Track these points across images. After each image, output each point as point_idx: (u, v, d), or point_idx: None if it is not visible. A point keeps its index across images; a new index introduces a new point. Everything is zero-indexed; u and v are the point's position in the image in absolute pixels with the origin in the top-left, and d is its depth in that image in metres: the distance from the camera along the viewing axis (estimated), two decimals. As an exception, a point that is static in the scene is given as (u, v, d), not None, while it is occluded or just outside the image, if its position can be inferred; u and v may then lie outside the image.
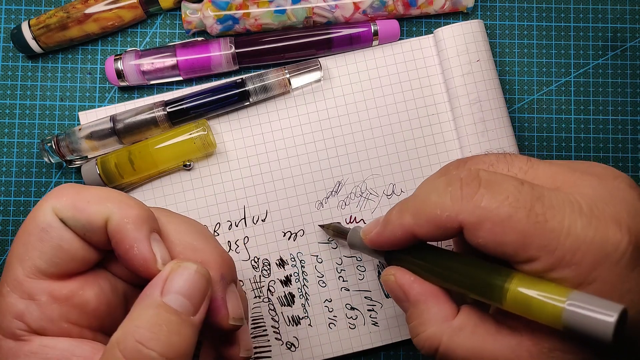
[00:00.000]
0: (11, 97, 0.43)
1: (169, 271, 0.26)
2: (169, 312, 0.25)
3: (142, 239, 0.27)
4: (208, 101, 0.40)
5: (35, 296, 0.26)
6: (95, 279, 0.28)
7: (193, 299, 0.26)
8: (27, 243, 0.27)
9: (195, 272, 0.26)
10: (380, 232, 0.31)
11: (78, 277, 0.28)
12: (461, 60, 0.41)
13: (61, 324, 0.27)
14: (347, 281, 0.41)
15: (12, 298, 0.26)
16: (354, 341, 0.41)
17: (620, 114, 0.44)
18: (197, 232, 0.30)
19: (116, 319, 0.28)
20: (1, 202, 0.42)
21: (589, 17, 0.44)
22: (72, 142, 0.39)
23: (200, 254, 0.29)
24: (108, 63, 0.41)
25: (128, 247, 0.27)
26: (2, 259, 0.42)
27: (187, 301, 0.26)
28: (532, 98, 0.44)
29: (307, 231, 0.41)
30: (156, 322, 0.24)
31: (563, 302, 0.24)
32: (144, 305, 0.25)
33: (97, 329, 0.28)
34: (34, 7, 0.43)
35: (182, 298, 0.25)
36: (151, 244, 0.27)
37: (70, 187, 0.28)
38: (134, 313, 0.25)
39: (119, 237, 0.27)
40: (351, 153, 0.42)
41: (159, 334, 0.24)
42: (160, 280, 0.26)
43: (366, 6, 0.41)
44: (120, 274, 0.30)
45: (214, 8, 0.41)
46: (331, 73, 0.42)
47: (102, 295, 0.28)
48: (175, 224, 0.30)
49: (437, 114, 0.42)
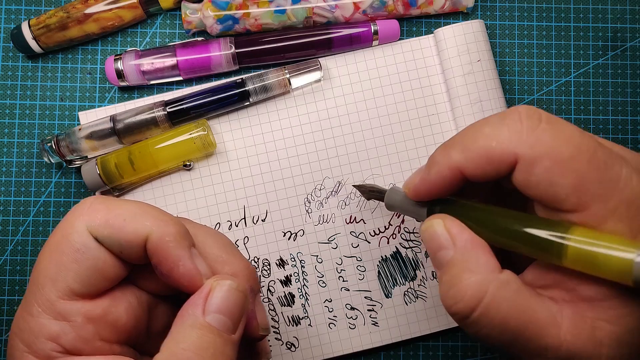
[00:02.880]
0: (11, 97, 0.43)
1: (209, 289, 0.26)
2: (213, 332, 0.25)
3: (186, 256, 0.27)
4: (208, 101, 0.40)
5: (70, 317, 0.26)
6: (123, 294, 0.28)
7: (233, 317, 0.26)
8: (60, 263, 0.26)
9: (235, 290, 0.27)
10: (424, 176, 0.28)
11: (108, 293, 0.28)
12: (462, 60, 0.41)
13: (95, 343, 0.27)
14: (347, 281, 0.41)
15: (45, 319, 0.26)
16: (354, 341, 0.41)
17: (620, 114, 0.44)
18: (224, 244, 0.30)
19: (141, 331, 0.29)
20: (1, 202, 0.42)
21: (589, 17, 0.44)
22: (72, 142, 0.39)
23: (229, 266, 0.29)
24: (108, 63, 0.41)
25: (172, 266, 0.26)
26: (2, 259, 0.42)
27: (228, 320, 0.26)
28: (532, 98, 0.44)
29: (307, 231, 0.41)
30: (202, 345, 0.25)
31: (633, 253, 0.22)
32: (188, 325, 0.25)
33: (124, 343, 0.28)
34: (34, 7, 0.43)
35: (223, 317, 0.26)
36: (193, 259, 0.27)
37: (101, 203, 0.27)
38: (179, 334, 0.25)
39: (161, 256, 0.26)
40: (351, 153, 0.42)
41: (205, 357, 0.25)
42: (200, 299, 0.26)
43: (366, 6, 0.41)
44: (144, 285, 0.30)
45: (214, 8, 0.41)
46: (331, 73, 0.42)
47: (130, 309, 0.28)
48: (202, 235, 0.29)
49: (437, 114, 0.42)
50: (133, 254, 0.27)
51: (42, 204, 0.42)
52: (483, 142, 0.26)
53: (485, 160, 0.26)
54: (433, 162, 0.28)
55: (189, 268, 0.27)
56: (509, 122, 0.25)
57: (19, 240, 0.42)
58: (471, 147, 0.26)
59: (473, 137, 0.26)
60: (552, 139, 0.24)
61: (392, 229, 0.42)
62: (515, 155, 0.25)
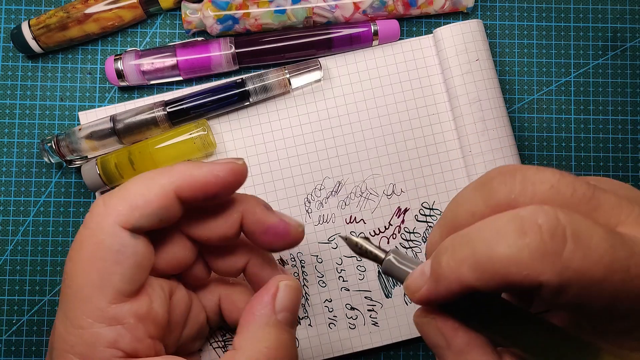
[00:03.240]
0: (11, 97, 0.43)
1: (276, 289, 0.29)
2: (286, 331, 0.28)
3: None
4: (208, 101, 0.40)
5: (123, 320, 0.27)
6: (153, 290, 0.29)
7: (295, 313, 0.29)
8: (103, 270, 0.26)
9: (295, 288, 0.29)
10: (432, 289, 0.25)
11: (145, 291, 0.28)
12: (460, 60, 0.41)
13: (147, 342, 0.27)
14: (347, 281, 0.41)
15: (99, 328, 0.26)
16: (354, 341, 0.41)
17: (620, 114, 0.44)
18: None
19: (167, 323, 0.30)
20: (1, 202, 0.42)
21: (589, 17, 0.44)
22: (72, 142, 0.39)
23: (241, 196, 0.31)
24: (108, 63, 0.41)
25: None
26: (2, 259, 0.42)
27: (292, 316, 0.29)
28: (532, 98, 0.44)
29: (307, 231, 0.41)
30: (279, 342, 0.27)
31: None
32: (264, 325, 0.28)
33: (161, 339, 0.29)
34: (34, 7, 0.43)
35: (288, 314, 0.29)
36: None
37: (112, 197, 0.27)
38: (258, 333, 0.28)
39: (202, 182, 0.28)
40: (351, 153, 0.42)
41: (285, 352, 0.27)
42: (269, 298, 0.29)
43: (366, 6, 0.41)
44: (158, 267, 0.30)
45: (214, 8, 0.41)
46: (331, 73, 0.42)
47: (163, 303, 0.29)
48: None
49: (437, 113, 0.42)
50: (172, 212, 0.28)
51: (42, 204, 0.42)
52: (499, 265, 0.22)
53: (503, 283, 0.22)
54: (440, 275, 0.24)
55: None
56: (530, 243, 0.21)
57: (19, 240, 0.42)
58: (486, 268, 0.22)
59: (487, 255, 0.22)
60: (582, 264, 0.21)
61: (392, 229, 0.42)
62: (539, 282, 0.22)
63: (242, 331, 0.28)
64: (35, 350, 0.41)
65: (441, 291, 0.24)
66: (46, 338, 0.41)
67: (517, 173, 0.24)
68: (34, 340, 0.41)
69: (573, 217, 0.22)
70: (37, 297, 0.42)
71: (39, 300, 0.42)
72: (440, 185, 0.42)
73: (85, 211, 0.42)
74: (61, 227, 0.42)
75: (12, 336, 0.41)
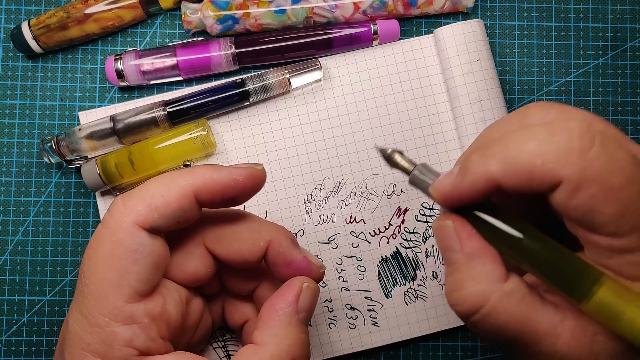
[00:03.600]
0: (11, 97, 0.43)
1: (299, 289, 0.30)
2: (305, 331, 0.29)
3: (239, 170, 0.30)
4: (208, 101, 0.40)
5: (138, 319, 0.27)
6: (168, 292, 0.29)
7: (311, 313, 0.31)
8: (121, 269, 0.27)
9: (314, 290, 0.31)
10: (456, 184, 0.25)
11: (160, 291, 0.29)
12: (461, 59, 0.41)
13: (159, 342, 0.28)
14: (347, 281, 0.41)
15: (115, 327, 0.26)
16: (354, 341, 0.41)
17: (620, 114, 0.44)
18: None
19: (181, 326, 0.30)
20: (1, 202, 0.42)
21: (589, 17, 0.44)
22: (72, 142, 0.39)
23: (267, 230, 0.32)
24: (108, 63, 0.41)
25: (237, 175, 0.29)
26: (2, 259, 0.42)
27: (310, 317, 0.31)
28: (532, 98, 0.44)
29: (307, 231, 0.41)
30: (299, 340, 0.29)
31: None
32: (286, 324, 0.29)
33: (171, 340, 0.29)
34: (34, 7, 0.43)
35: (307, 314, 0.30)
36: None
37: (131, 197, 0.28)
38: (281, 331, 0.29)
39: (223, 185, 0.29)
40: (351, 153, 0.42)
41: (303, 351, 0.29)
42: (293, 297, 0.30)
43: (366, 6, 0.41)
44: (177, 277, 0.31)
45: (214, 8, 0.41)
46: (331, 73, 0.42)
47: (177, 305, 0.30)
48: None
49: (437, 113, 0.42)
50: (189, 214, 0.28)
51: (42, 204, 0.42)
52: (527, 157, 0.23)
53: (527, 178, 0.24)
54: (468, 169, 0.25)
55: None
56: (559, 140, 0.23)
57: (19, 240, 0.42)
58: (513, 161, 0.24)
59: (516, 150, 0.24)
60: (604, 166, 0.23)
61: (392, 229, 0.42)
62: (560, 177, 0.23)
63: (263, 327, 0.29)
64: (35, 351, 0.41)
65: (466, 186, 0.25)
66: (46, 338, 0.41)
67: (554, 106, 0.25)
68: (33, 341, 0.41)
69: (606, 126, 0.24)
70: (37, 297, 0.42)
71: (39, 300, 0.42)
72: (440, 185, 0.42)
73: (85, 211, 0.42)
74: (61, 227, 0.42)
75: (12, 336, 0.41)
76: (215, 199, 0.28)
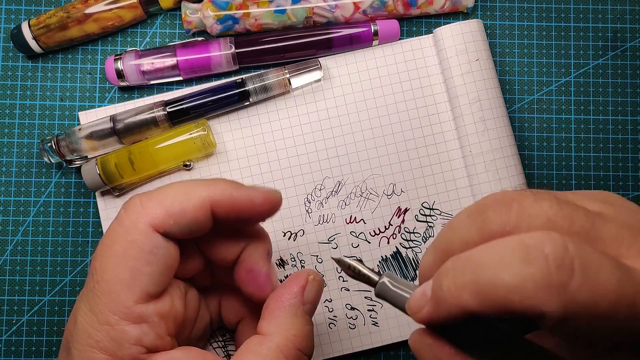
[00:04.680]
0: (11, 97, 0.43)
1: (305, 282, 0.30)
2: (309, 322, 0.30)
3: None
4: (208, 101, 0.40)
5: (148, 319, 0.27)
6: (173, 289, 0.30)
7: (315, 306, 0.31)
8: (134, 269, 0.27)
9: (320, 283, 0.31)
10: (431, 312, 0.24)
11: (167, 291, 0.29)
12: (460, 59, 0.41)
13: (166, 338, 0.28)
14: (347, 281, 0.41)
15: (125, 325, 0.27)
16: (354, 341, 0.41)
17: (620, 114, 0.44)
18: None
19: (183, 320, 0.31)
20: (1, 202, 0.42)
21: (589, 17, 0.44)
22: (72, 142, 0.39)
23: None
24: (108, 63, 0.41)
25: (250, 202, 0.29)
26: (2, 259, 0.42)
27: (314, 310, 0.31)
28: (532, 98, 0.44)
29: (307, 231, 0.41)
30: (305, 331, 0.29)
31: None
32: (294, 314, 0.29)
33: (177, 336, 0.30)
34: (34, 7, 0.43)
35: (312, 306, 0.30)
36: None
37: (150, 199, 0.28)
38: (287, 321, 0.29)
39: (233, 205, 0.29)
40: (351, 153, 0.42)
41: (308, 342, 0.29)
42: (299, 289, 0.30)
43: (366, 6, 0.41)
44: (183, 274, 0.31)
45: (214, 8, 0.41)
46: (331, 73, 0.42)
47: (183, 302, 0.30)
48: None
49: (437, 113, 0.42)
50: (203, 226, 0.28)
51: (42, 204, 0.42)
52: (502, 293, 0.21)
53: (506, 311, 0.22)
54: (441, 299, 0.23)
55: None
56: (535, 273, 0.21)
57: (19, 240, 0.42)
58: (488, 295, 0.22)
59: (489, 281, 0.21)
60: (588, 298, 0.20)
61: (392, 229, 0.42)
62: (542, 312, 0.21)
63: (268, 317, 0.29)
64: (35, 351, 0.41)
65: (442, 314, 0.23)
66: (46, 338, 0.41)
67: (514, 203, 0.23)
68: (33, 341, 0.41)
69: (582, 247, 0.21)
70: (37, 297, 0.42)
71: (39, 300, 0.42)
72: (440, 185, 0.42)
73: (85, 211, 0.42)
74: (61, 227, 0.42)
75: (12, 336, 0.41)
76: (230, 216, 0.28)
